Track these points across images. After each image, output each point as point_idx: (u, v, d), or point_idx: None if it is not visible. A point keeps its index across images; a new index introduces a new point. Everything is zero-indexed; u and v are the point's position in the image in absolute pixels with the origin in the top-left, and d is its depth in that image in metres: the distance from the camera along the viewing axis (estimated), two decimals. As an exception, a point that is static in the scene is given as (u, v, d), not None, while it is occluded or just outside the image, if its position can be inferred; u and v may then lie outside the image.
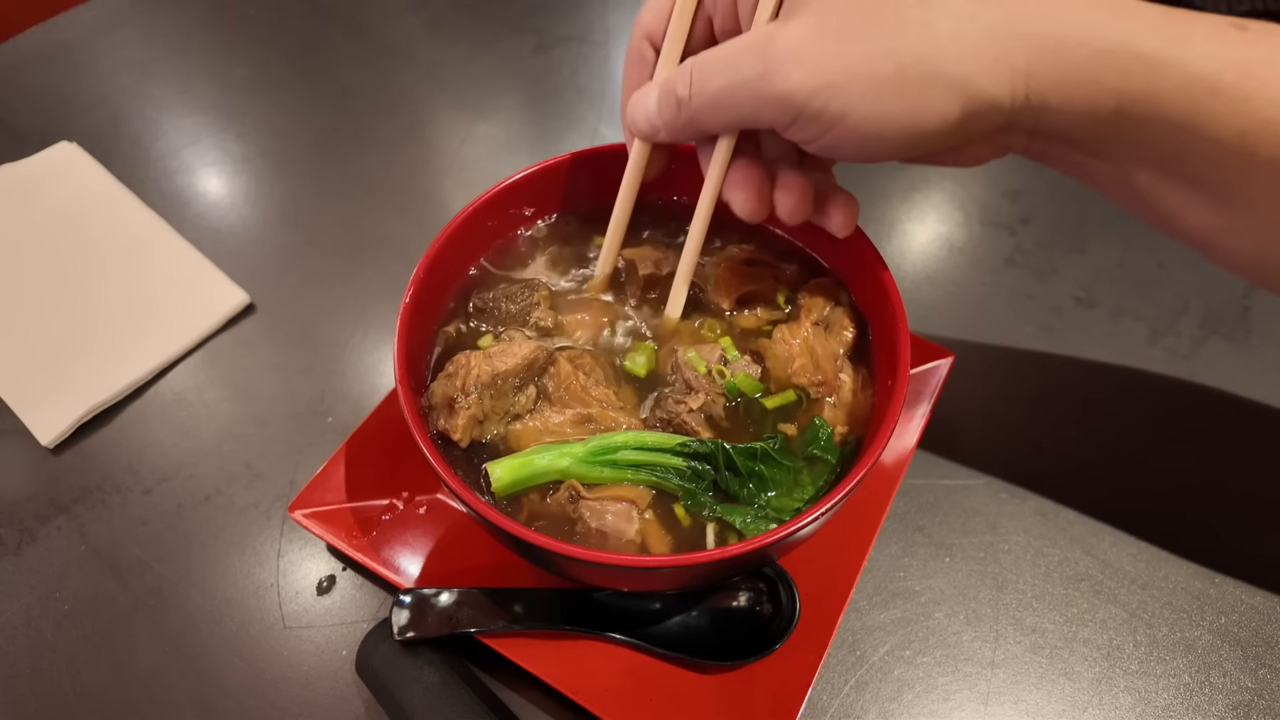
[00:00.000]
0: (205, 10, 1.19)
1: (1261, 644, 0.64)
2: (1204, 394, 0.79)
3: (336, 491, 0.67)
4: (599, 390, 0.57)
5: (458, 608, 0.59)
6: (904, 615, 0.66)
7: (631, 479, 0.54)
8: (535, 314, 0.61)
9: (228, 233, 0.93)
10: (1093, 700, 0.62)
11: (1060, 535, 0.70)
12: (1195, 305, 0.85)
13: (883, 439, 0.50)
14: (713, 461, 0.54)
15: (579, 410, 0.57)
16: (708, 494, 0.54)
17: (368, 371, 0.81)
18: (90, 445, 0.76)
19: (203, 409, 0.79)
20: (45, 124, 1.03)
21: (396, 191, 0.98)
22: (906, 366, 0.54)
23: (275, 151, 1.02)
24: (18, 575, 0.69)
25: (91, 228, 0.91)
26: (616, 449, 0.54)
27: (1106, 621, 0.65)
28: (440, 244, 0.60)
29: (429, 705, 0.55)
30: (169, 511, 0.72)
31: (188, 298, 0.85)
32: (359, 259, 0.91)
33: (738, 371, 0.58)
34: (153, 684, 0.63)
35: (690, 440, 0.55)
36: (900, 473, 0.68)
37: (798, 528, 0.47)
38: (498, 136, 1.04)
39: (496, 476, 0.53)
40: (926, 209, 0.95)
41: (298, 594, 0.67)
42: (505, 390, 0.56)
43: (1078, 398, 0.79)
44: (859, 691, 0.62)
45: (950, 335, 0.83)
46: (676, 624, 0.61)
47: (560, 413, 0.57)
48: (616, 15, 1.19)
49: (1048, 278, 0.88)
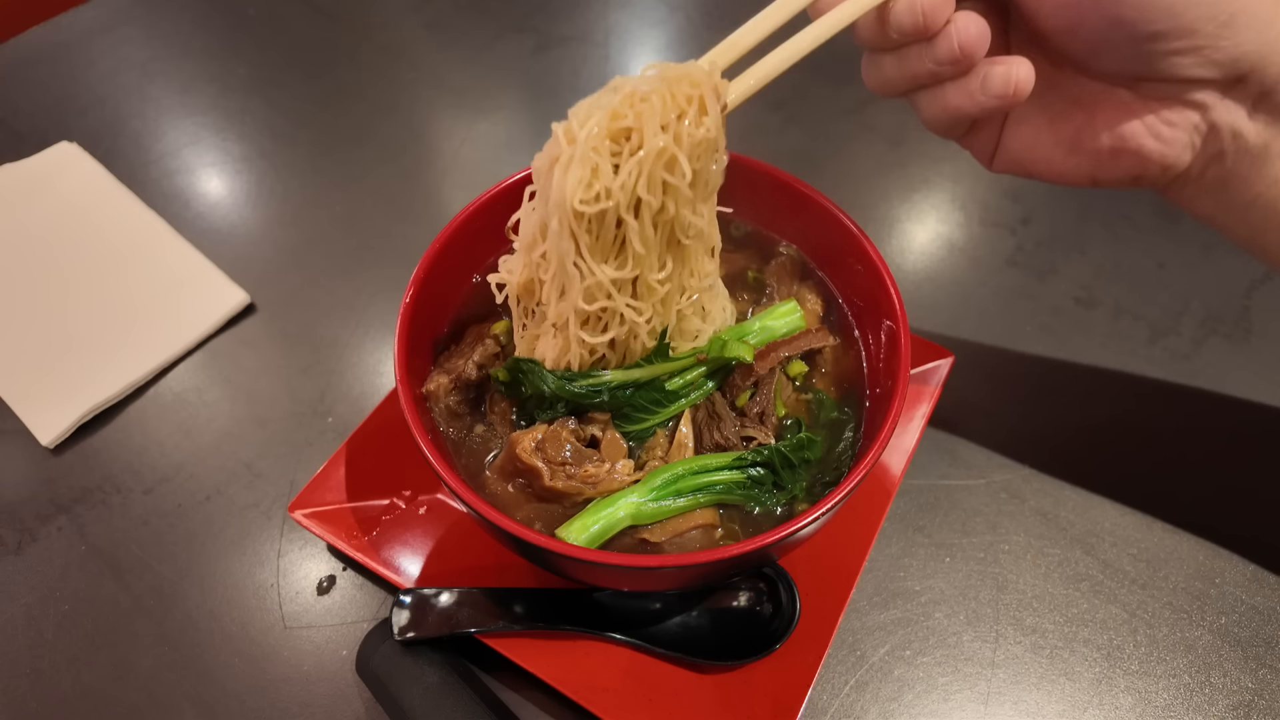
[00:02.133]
0: (205, 10, 1.19)
1: (1262, 644, 0.64)
2: (1204, 394, 0.79)
3: (336, 491, 0.67)
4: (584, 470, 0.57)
5: (458, 608, 0.59)
6: (904, 615, 0.66)
7: (703, 503, 0.56)
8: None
9: (228, 233, 0.93)
10: (1093, 700, 0.62)
11: (1060, 535, 0.70)
12: (1195, 305, 0.85)
13: (883, 439, 0.50)
14: (770, 465, 0.56)
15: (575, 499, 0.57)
16: (771, 493, 0.56)
17: (368, 371, 0.81)
18: (90, 445, 0.76)
19: (203, 409, 0.79)
20: (45, 124, 1.03)
21: (396, 191, 0.98)
22: (907, 367, 0.54)
23: (275, 151, 1.02)
24: (18, 575, 0.69)
25: (91, 228, 0.91)
26: (679, 479, 0.55)
27: (1107, 622, 0.65)
28: (441, 244, 0.60)
29: (429, 705, 0.55)
30: (169, 511, 0.72)
31: (188, 298, 0.85)
32: (359, 259, 0.91)
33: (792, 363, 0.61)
34: (153, 684, 0.63)
35: (744, 454, 0.56)
36: (900, 473, 0.68)
37: (798, 528, 0.47)
38: (498, 136, 1.04)
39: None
40: (926, 209, 0.95)
41: (298, 594, 0.67)
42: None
43: (1078, 398, 0.79)
44: (859, 691, 0.62)
45: (950, 335, 0.83)
46: (676, 624, 0.61)
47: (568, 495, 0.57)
48: (616, 15, 1.19)
49: (1048, 278, 0.88)
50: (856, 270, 0.62)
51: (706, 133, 0.46)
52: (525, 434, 0.56)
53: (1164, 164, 0.50)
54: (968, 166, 0.99)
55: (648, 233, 0.48)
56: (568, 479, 0.55)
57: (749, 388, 0.59)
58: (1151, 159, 0.50)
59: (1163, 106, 0.49)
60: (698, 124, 0.46)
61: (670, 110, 0.45)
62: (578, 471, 0.55)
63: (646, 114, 0.45)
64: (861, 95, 1.07)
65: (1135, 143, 0.50)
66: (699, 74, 0.46)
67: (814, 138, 1.03)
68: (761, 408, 0.58)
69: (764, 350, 0.60)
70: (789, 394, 0.61)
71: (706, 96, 0.46)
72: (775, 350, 0.60)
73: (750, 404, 0.59)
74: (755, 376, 0.59)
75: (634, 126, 0.45)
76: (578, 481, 0.55)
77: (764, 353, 0.60)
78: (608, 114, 0.45)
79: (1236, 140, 0.49)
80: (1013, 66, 0.47)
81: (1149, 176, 0.52)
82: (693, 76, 0.46)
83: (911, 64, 0.49)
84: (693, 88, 0.46)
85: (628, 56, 1.13)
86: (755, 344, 0.60)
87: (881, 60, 0.51)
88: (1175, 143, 0.49)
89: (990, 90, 0.48)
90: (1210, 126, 0.49)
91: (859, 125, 1.04)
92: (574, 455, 0.56)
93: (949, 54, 0.47)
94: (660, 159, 0.45)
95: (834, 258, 0.66)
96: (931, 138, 0.58)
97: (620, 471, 0.56)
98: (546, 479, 0.55)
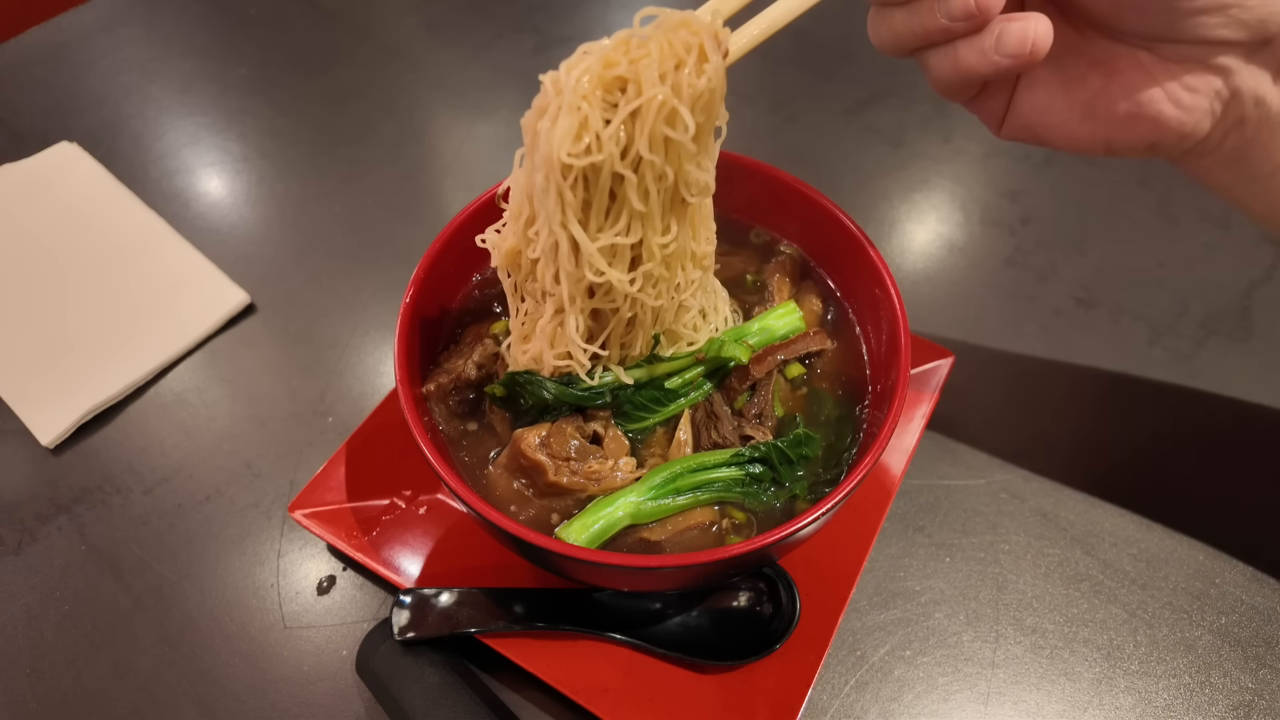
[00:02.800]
0: (205, 10, 1.19)
1: (1262, 644, 0.64)
2: (1204, 394, 0.79)
3: (336, 491, 0.67)
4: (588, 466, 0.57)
5: (458, 608, 0.59)
6: (904, 615, 0.66)
7: (703, 501, 0.56)
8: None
9: (228, 233, 0.93)
10: (1093, 700, 0.62)
11: (1060, 535, 0.70)
12: (1196, 305, 0.85)
13: (883, 439, 0.50)
14: (768, 462, 0.56)
15: (577, 495, 0.57)
16: (769, 489, 0.56)
17: (368, 371, 0.81)
18: (90, 445, 0.76)
19: (203, 409, 0.79)
20: (45, 124, 1.03)
21: (396, 191, 0.98)
22: (907, 367, 0.54)
23: (275, 151, 1.02)
24: (18, 575, 0.69)
25: (91, 228, 0.91)
26: (677, 477, 0.55)
27: (1107, 622, 0.65)
28: (441, 244, 0.60)
29: (429, 705, 0.55)
30: (169, 511, 0.72)
31: (188, 298, 0.85)
32: (359, 259, 0.91)
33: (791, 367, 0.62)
34: (153, 684, 0.63)
35: (742, 450, 0.56)
36: (900, 473, 0.68)
37: (798, 528, 0.47)
38: (498, 136, 1.04)
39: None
40: (926, 209, 0.95)
41: (298, 594, 0.67)
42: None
43: (1078, 398, 0.79)
44: (859, 692, 0.62)
45: (950, 335, 0.83)
46: (676, 624, 0.61)
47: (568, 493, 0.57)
48: (616, 15, 1.19)
49: (1048, 278, 0.88)
50: (856, 270, 0.62)
51: (708, 82, 0.43)
52: (530, 430, 0.56)
53: (1182, 131, 0.48)
54: (968, 167, 0.99)
55: (649, 188, 0.46)
56: (571, 474, 0.55)
57: (745, 390, 0.59)
58: (1170, 126, 0.48)
59: (1184, 71, 0.46)
60: (698, 72, 0.43)
61: (669, 59, 0.43)
62: (581, 467, 0.55)
63: (643, 63, 0.42)
64: (861, 96, 1.07)
65: (1153, 109, 0.47)
66: (698, 22, 0.43)
67: (814, 138, 1.03)
68: (759, 410, 0.58)
69: (761, 354, 0.60)
70: (788, 394, 0.62)
71: (707, 44, 0.43)
72: (772, 354, 0.60)
73: (748, 406, 0.59)
74: (752, 380, 0.59)
75: (629, 76, 0.43)
76: (581, 477, 0.55)
77: (760, 356, 0.60)
78: (599, 60, 0.43)
79: (1259, 107, 0.47)
80: (1030, 23, 0.45)
81: (1165, 144, 0.49)
82: (691, 24, 0.43)
83: (923, 18, 0.46)
84: (692, 35, 0.43)
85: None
86: (754, 345, 0.60)
87: (891, 14, 0.48)
88: (1195, 109, 0.47)
89: (1006, 48, 0.45)
90: (1233, 92, 0.46)
91: (859, 125, 1.04)
92: (578, 451, 0.56)
93: (963, 8, 0.44)
94: (660, 112, 0.43)
95: (834, 258, 0.66)
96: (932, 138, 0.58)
97: (623, 468, 0.56)
98: (551, 474, 0.55)
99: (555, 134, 0.43)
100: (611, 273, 0.48)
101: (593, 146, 0.43)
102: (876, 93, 1.07)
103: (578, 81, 0.43)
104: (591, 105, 0.43)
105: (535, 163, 0.45)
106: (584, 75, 0.43)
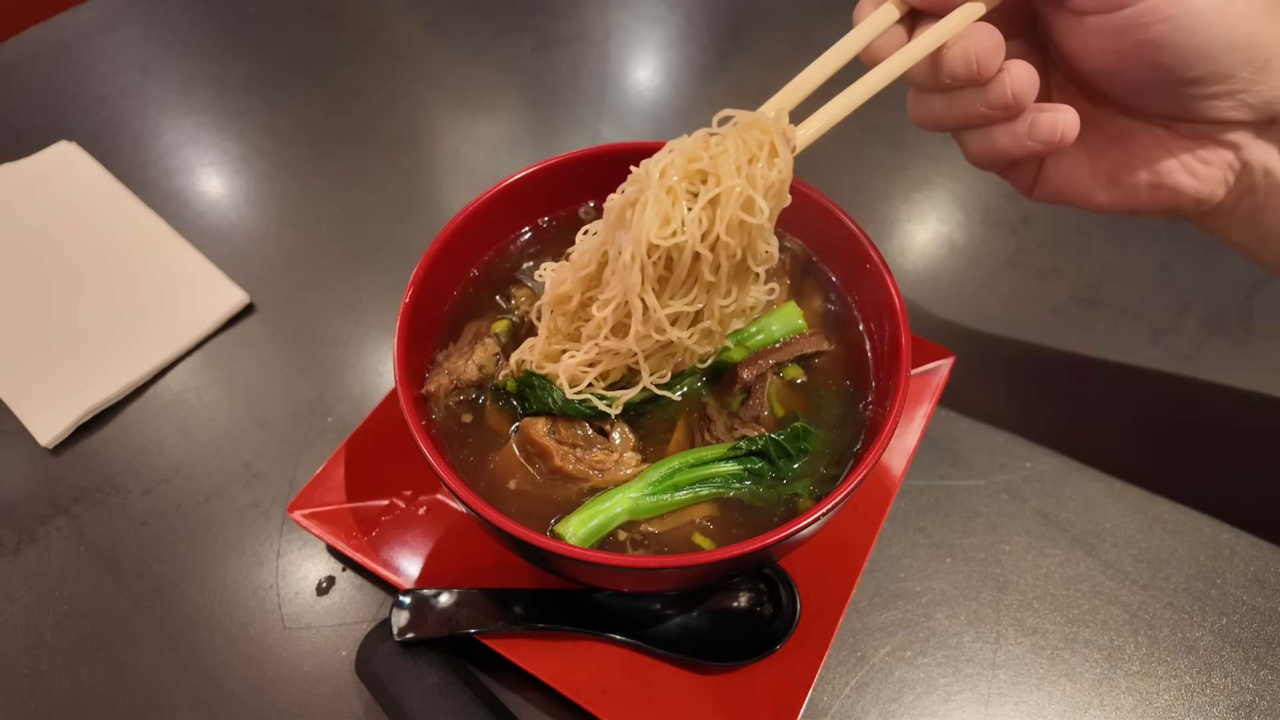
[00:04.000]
0: (205, 10, 1.19)
1: (1263, 645, 0.64)
2: (1205, 394, 0.79)
3: (336, 492, 0.67)
4: (592, 456, 0.57)
5: (457, 608, 0.59)
6: (905, 616, 0.65)
7: (702, 497, 0.56)
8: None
9: (227, 233, 0.93)
10: (1094, 701, 0.62)
11: (1061, 536, 0.70)
12: (1197, 305, 0.85)
13: (884, 439, 0.50)
14: (765, 455, 0.56)
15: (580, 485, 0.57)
16: (769, 484, 0.56)
17: (368, 371, 0.81)
18: (90, 445, 0.76)
19: (202, 409, 0.79)
20: (45, 124, 1.03)
21: (396, 191, 0.98)
22: (907, 367, 0.54)
23: (274, 151, 1.02)
24: (17, 575, 0.69)
25: (91, 228, 0.91)
26: (675, 472, 0.55)
27: (1107, 622, 0.65)
28: (441, 244, 0.60)
29: (429, 706, 0.55)
30: (168, 512, 0.72)
31: (188, 298, 0.85)
32: (359, 259, 0.91)
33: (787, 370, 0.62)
34: (152, 684, 0.63)
35: (739, 443, 0.56)
36: (901, 473, 0.68)
37: (799, 528, 0.47)
38: (498, 136, 1.04)
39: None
40: (927, 209, 0.95)
41: (297, 594, 0.67)
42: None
43: (1079, 398, 0.79)
44: (860, 692, 0.62)
45: (951, 335, 0.83)
46: (677, 625, 0.61)
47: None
48: (616, 15, 1.19)
49: (1049, 278, 0.88)
50: (857, 270, 0.62)
51: (779, 174, 0.49)
52: (539, 418, 0.57)
53: (1198, 198, 0.53)
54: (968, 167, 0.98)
55: (721, 263, 0.51)
56: (577, 461, 0.56)
57: (740, 393, 0.59)
58: (1186, 194, 0.52)
59: (1198, 145, 0.51)
60: (770, 165, 0.49)
61: (744, 154, 0.49)
62: (586, 455, 0.56)
63: (722, 159, 0.48)
64: (862, 95, 1.07)
65: (1171, 179, 0.52)
66: (768, 121, 0.50)
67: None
68: (755, 413, 0.58)
69: (752, 357, 0.60)
70: (787, 394, 0.61)
71: (777, 140, 0.49)
72: (764, 357, 0.60)
73: (744, 409, 0.59)
74: (744, 383, 0.59)
75: (709, 170, 0.49)
76: (586, 466, 0.56)
77: (751, 360, 0.60)
78: (685, 157, 0.49)
79: (1268, 177, 0.51)
80: (1060, 114, 0.49)
81: (1184, 209, 0.54)
82: (762, 124, 0.49)
83: (963, 106, 0.51)
84: (764, 134, 0.49)
85: (627, 55, 1.13)
86: (753, 346, 0.60)
87: (931, 99, 0.53)
88: (1210, 179, 0.52)
89: (1038, 136, 0.50)
90: (1243, 164, 0.51)
91: (860, 125, 1.04)
92: (585, 440, 0.57)
93: (1001, 100, 0.49)
94: (738, 201, 0.48)
95: (835, 258, 0.66)
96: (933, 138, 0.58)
97: (627, 462, 0.57)
98: (557, 459, 0.55)
99: (646, 218, 0.48)
100: (673, 331, 0.53)
101: (677, 230, 0.49)
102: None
103: (665, 173, 0.49)
104: (677, 194, 0.49)
105: (620, 239, 0.50)
106: (673, 169, 0.49)
